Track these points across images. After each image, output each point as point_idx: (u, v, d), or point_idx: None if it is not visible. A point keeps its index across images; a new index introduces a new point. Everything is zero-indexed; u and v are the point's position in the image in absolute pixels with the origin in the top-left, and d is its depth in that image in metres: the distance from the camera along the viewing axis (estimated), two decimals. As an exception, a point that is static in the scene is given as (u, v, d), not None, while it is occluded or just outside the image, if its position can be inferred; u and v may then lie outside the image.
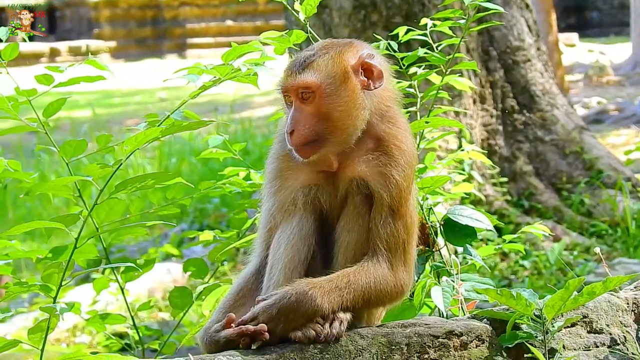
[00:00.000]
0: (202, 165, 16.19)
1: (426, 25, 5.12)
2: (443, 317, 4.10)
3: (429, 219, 4.70)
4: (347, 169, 3.77)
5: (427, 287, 4.36)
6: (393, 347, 3.63)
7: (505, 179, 11.87)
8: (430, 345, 3.67)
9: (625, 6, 35.07)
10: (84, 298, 9.41)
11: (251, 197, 5.56)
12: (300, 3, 4.68)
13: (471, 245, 4.68)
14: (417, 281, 4.43)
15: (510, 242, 5.10)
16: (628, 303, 4.04)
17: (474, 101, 11.78)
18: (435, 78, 5.11)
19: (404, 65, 5.04)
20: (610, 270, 5.33)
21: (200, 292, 5.04)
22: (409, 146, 3.81)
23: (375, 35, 5.41)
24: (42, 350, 4.00)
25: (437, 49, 5.04)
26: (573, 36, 33.49)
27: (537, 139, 12.21)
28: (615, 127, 19.16)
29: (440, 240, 4.67)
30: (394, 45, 4.97)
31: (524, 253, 10.58)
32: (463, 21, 4.99)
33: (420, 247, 4.61)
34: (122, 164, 4.03)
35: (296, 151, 3.72)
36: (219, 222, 13.36)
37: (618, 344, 3.91)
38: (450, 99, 5.36)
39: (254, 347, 3.54)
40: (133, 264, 4.53)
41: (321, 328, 3.54)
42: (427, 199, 4.78)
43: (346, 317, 3.61)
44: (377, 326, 3.75)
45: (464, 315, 4.19)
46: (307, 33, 4.58)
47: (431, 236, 4.67)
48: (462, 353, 3.70)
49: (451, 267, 4.56)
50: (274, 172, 3.88)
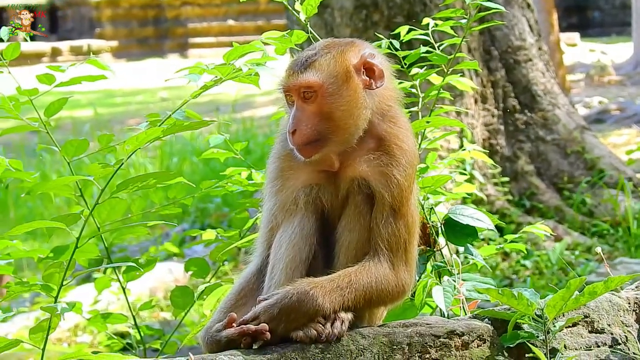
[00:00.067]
0: (204, 164, 16.19)
1: (428, 25, 5.12)
2: (444, 317, 4.10)
3: (430, 219, 4.70)
4: (349, 169, 3.76)
5: (429, 287, 4.36)
6: (394, 347, 3.63)
7: (506, 179, 11.86)
8: (431, 345, 3.67)
9: (626, 6, 35.03)
10: (86, 298, 9.41)
11: (252, 197, 5.56)
12: (300, 3, 4.68)
13: (472, 245, 4.68)
14: (419, 281, 4.43)
15: (511, 242, 5.09)
16: (629, 303, 4.04)
17: (476, 101, 11.78)
18: (436, 78, 5.11)
19: (406, 64, 5.04)
20: (611, 270, 5.31)
21: (201, 292, 5.03)
22: (410, 146, 3.81)
23: (376, 34, 5.41)
24: (44, 349, 4.00)
25: (439, 49, 5.04)
26: (574, 36, 33.47)
27: (539, 139, 12.20)
28: (616, 127, 19.15)
29: (441, 239, 4.67)
30: (396, 44, 4.97)
31: (526, 253, 10.58)
32: (464, 21, 4.99)
33: (421, 247, 4.61)
34: (124, 164, 4.03)
35: (298, 151, 3.72)
36: (221, 222, 13.35)
37: (619, 344, 3.91)
38: (451, 99, 5.35)
39: (256, 347, 3.54)
40: (134, 264, 4.53)
41: (322, 328, 3.54)
42: (429, 199, 4.77)
43: (347, 317, 3.60)
44: (379, 326, 3.75)
45: (466, 315, 4.19)
46: (308, 33, 4.57)
47: (432, 236, 4.67)
48: (464, 353, 3.70)
49: (452, 267, 4.56)
50: (275, 172, 3.88)
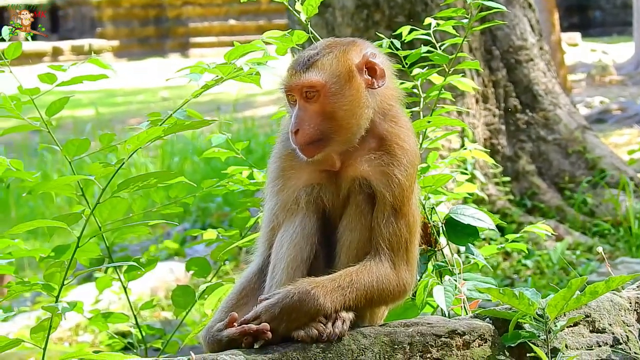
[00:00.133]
0: (205, 164, 16.18)
1: (429, 25, 5.12)
2: (445, 317, 4.10)
3: (432, 218, 4.69)
4: (350, 168, 3.76)
5: (430, 287, 4.36)
6: (396, 347, 3.63)
7: (507, 179, 11.86)
8: (432, 344, 3.67)
9: (628, 6, 35.03)
10: (87, 297, 9.42)
11: (254, 196, 5.56)
12: (301, 3, 4.67)
13: (473, 244, 4.68)
14: (420, 280, 4.43)
15: (512, 242, 5.09)
16: (630, 302, 4.04)
17: (477, 100, 11.78)
18: (437, 78, 5.11)
19: (407, 64, 5.03)
20: (612, 269, 5.31)
21: (202, 291, 5.03)
22: (412, 145, 3.81)
23: (377, 34, 5.41)
24: (45, 349, 4.00)
25: (440, 49, 5.03)
26: (576, 35, 33.47)
27: (540, 139, 12.20)
28: (617, 127, 19.15)
29: (442, 239, 4.67)
30: (397, 44, 4.96)
31: (527, 252, 10.57)
32: (466, 20, 4.99)
33: (422, 247, 4.61)
34: (125, 163, 4.03)
35: (300, 150, 3.72)
36: (222, 221, 13.35)
37: (620, 344, 3.91)
38: (452, 99, 5.35)
39: (257, 346, 3.54)
40: (135, 263, 4.53)
41: (324, 327, 3.54)
42: (430, 199, 4.77)
43: (349, 317, 3.60)
44: (380, 325, 3.75)
45: (467, 314, 4.19)
46: (309, 33, 4.57)
47: (433, 235, 4.67)
48: (465, 352, 3.70)
49: (453, 267, 4.56)
50: (277, 172, 3.88)
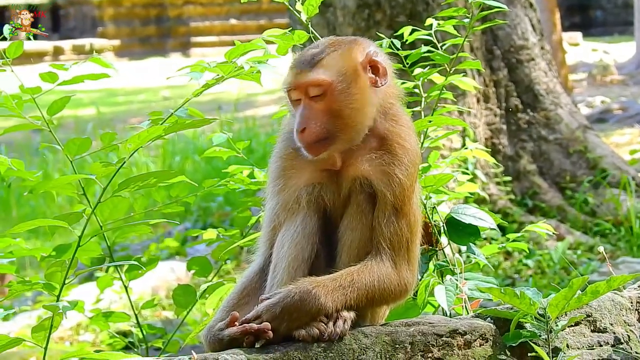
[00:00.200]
0: (206, 163, 16.19)
1: (431, 25, 5.11)
2: (447, 316, 4.10)
3: (433, 218, 4.69)
4: (351, 168, 3.76)
5: (431, 286, 4.35)
6: (397, 346, 3.63)
7: (509, 178, 11.86)
8: (434, 344, 3.67)
9: (629, 5, 35.02)
10: (88, 296, 9.42)
11: (255, 195, 5.56)
12: (302, 3, 4.67)
13: (475, 244, 4.68)
14: (421, 280, 4.43)
15: (513, 241, 5.09)
16: (632, 302, 4.03)
17: (478, 100, 11.77)
18: (438, 77, 5.10)
19: (408, 64, 5.03)
20: (613, 269, 5.32)
21: (204, 291, 5.03)
22: (413, 144, 3.80)
23: (378, 34, 5.41)
24: (46, 348, 4.00)
25: (441, 48, 5.03)
26: (577, 35, 33.45)
27: (541, 138, 12.20)
28: (619, 126, 19.16)
29: (443, 239, 4.67)
30: (397, 43, 4.96)
31: (528, 252, 10.57)
32: (467, 20, 4.99)
33: (423, 246, 4.61)
34: (126, 162, 4.03)
35: (306, 149, 3.71)
36: (223, 221, 13.36)
37: (622, 343, 3.90)
38: (454, 99, 5.34)
39: (258, 346, 3.53)
40: (137, 262, 4.53)
41: (325, 327, 3.53)
42: (431, 198, 4.77)
43: (350, 316, 3.60)
44: (381, 325, 3.75)
45: (468, 314, 4.18)
46: (310, 33, 4.56)
47: (435, 235, 4.67)
48: (466, 352, 3.70)
49: (455, 266, 4.56)
50: (278, 171, 3.87)
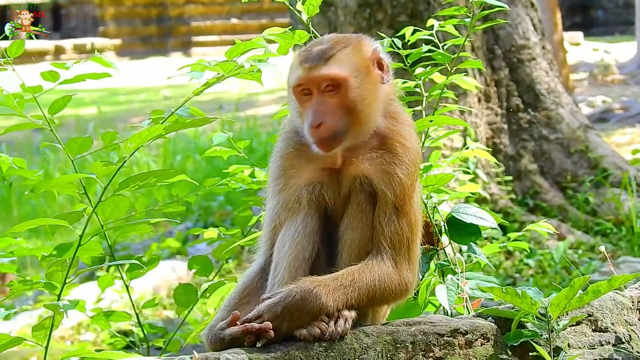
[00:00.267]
0: (207, 163, 16.19)
1: (432, 25, 5.11)
2: (448, 316, 4.10)
3: (434, 217, 4.69)
4: (351, 167, 3.75)
5: (432, 286, 4.35)
6: (398, 345, 3.63)
7: (510, 178, 11.86)
8: (435, 343, 3.67)
9: (630, 5, 35.01)
10: (89, 296, 9.43)
11: (256, 195, 5.55)
12: (302, 3, 4.66)
13: (476, 243, 4.67)
14: (422, 279, 4.42)
15: (514, 241, 5.09)
16: (633, 302, 4.03)
17: (479, 100, 11.77)
18: (439, 77, 5.10)
19: (409, 63, 5.03)
20: (615, 268, 5.32)
21: (205, 290, 5.03)
22: (413, 143, 3.80)
23: (379, 33, 5.40)
24: (47, 347, 4.00)
25: (443, 48, 5.03)
26: (578, 35, 33.43)
27: (542, 138, 12.20)
28: (620, 126, 19.16)
29: (444, 238, 4.67)
30: (398, 42, 4.96)
31: (529, 251, 10.57)
32: (468, 19, 4.99)
33: (425, 246, 4.61)
34: (126, 162, 4.03)
35: (318, 144, 3.68)
36: (224, 220, 13.36)
37: (623, 343, 3.90)
38: (455, 98, 5.34)
39: (259, 345, 3.53)
40: (138, 262, 4.52)
41: (326, 326, 3.53)
42: (432, 198, 4.77)
43: (351, 315, 3.60)
44: (382, 324, 3.75)
45: (469, 313, 4.18)
46: (310, 32, 4.55)
47: (436, 234, 4.67)
48: (467, 351, 3.70)
49: (456, 266, 4.55)
50: (278, 171, 3.86)
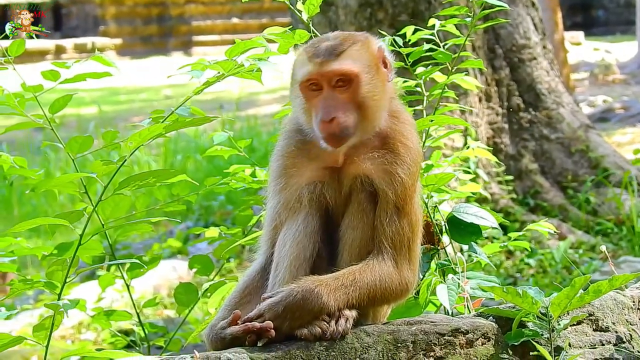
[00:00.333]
0: (208, 162, 16.19)
1: (433, 25, 5.11)
2: (449, 315, 4.09)
3: (434, 217, 4.69)
4: (352, 166, 3.75)
5: (433, 285, 4.35)
6: (399, 345, 3.63)
7: (510, 177, 11.86)
8: (436, 342, 3.67)
9: (631, 5, 34.99)
10: (90, 295, 9.43)
11: (257, 194, 5.55)
12: (303, 2, 4.66)
13: (476, 243, 4.67)
14: (423, 279, 4.42)
15: (515, 240, 5.09)
16: (634, 301, 4.03)
17: (480, 99, 11.77)
18: (440, 76, 5.10)
19: (409, 62, 5.03)
20: (615, 268, 5.32)
21: (205, 290, 5.03)
22: (415, 143, 3.80)
23: (380, 32, 5.40)
24: (47, 347, 4.00)
25: (444, 48, 5.03)
26: (579, 34, 33.41)
27: (543, 137, 12.20)
28: (621, 126, 19.16)
29: (445, 238, 4.66)
30: (399, 41, 4.96)
31: (529, 250, 10.57)
32: (469, 19, 4.99)
33: (425, 245, 4.61)
34: (127, 161, 4.03)
35: (327, 139, 3.67)
36: (225, 220, 13.35)
37: (624, 342, 3.90)
38: (456, 97, 5.35)
39: (260, 345, 3.53)
40: (138, 261, 4.53)
41: (327, 325, 3.53)
42: (432, 197, 4.76)
43: (352, 315, 3.60)
44: (383, 324, 3.75)
45: (470, 313, 4.18)
46: (311, 32, 4.55)
47: (436, 234, 4.67)
48: (468, 351, 3.70)
49: (456, 265, 4.55)
50: (279, 170, 3.86)
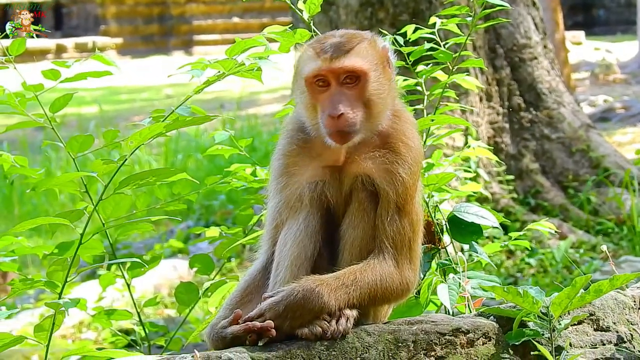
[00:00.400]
0: (208, 161, 16.19)
1: (434, 23, 5.11)
2: (449, 315, 4.09)
3: (435, 217, 4.69)
4: (353, 165, 3.75)
5: (434, 285, 4.35)
6: (400, 344, 3.63)
7: (511, 177, 11.86)
8: (436, 342, 3.67)
9: (632, 4, 34.99)
10: (90, 294, 9.42)
11: (257, 193, 5.55)
12: (304, 2, 4.66)
13: (477, 242, 4.67)
14: (424, 279, 4.42)
15: (516, 240, 5.08)
16: (635, 301, 4.03)
17: (481, 99, 11.77)
18: (441, 75, 5.10)
19: (410, 61, 5.03)
20: (616, 268, 5.32)
21: (206, 289, 5.03)
22: (416, 143, 3.80)
23: (381, 30, 5.40)
24: (48, 346, 4.00)
25: (444, 47, 5.03)
26: (580, 34, 33.40)
27: (544, 137, 12.19)
28: (621, 125, 19.16)
29: (446, 237, 4.66)
30: (400, 40, 4.96)
31: (530, 250, 10.56)
32: (469, 18, 4.99)
33: (426, 245, 4.60)
34: (127, 160, 4.03)
35: (334, 135, 3.66)
36: (225, 219, 13.35)
37: (625, 342, 3.90)
38: (456, 97, 5.35)
39: (261, 344, 3.53)
40: (139, 260, 4.52)
41: (328, 325, 3.53)
42: (433, 197, 4.76)
43: (352, 314, 3.60)
44: (384, 323, 3.75)
45: (471, 312, 4.18)
46: (312, 31, 4.55)
47: (437, 234, 4.67)
48: (469, 350, 3.69)
49: (457, 265, 4.55)
50: (280, 169, 3.86)
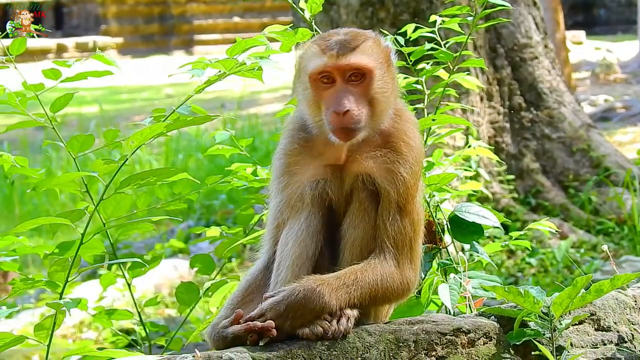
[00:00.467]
0: (209, 161, 16.19)
1: (434, 22, 5.11)
2: (450, 315, 4.09)
3: (436, 216, 4.68)
4: (354, 164, 3.75)
5: (434, 285, 4.35)
6: (400, 344, 3.63)
7: (512, 177, 11.86)
8: (437, 342, 3.66)
9: (632, 4, 35.00)
10: (91, 294, 9.42)
11: (258, 193, 5.55)
12: (305, 1, 4.66)
13: (478, 242, 4.67)
14: (424, 278, 4.42)
15: (517, 239, 5.08)
16: (636, 301, 4.03)
17: (481, 98, 11.77)
18: (444, 74, 5.10)
19: (411, 61, 5.03)
20: (617, 268, 5.30)
21: (207, 289, 5.03)
22: (417, 142, 3.80)
23: (382, 30, 5.40)
24: (49, 346, 4.00)
25: (445, 46, 5.03)
26: (580, 34, 33.41)
27: (544, 137, 12.20)
28: (622, 125, 19.16)
29: (447, 237, 4.66)
30: (401, 40, 4.96)
31: (531, 249, 10.56)
32: (470, 18, 4.99)
33: (427, 245, 4.60)
34: (128, 160, 4.03)
35: (338, 132, 3.66)
36: (226, 219, 13.34)
37: (626, 342, 3.90)
38: (457, 96, 5.36)
39: (262, 344, 3.53)
40: (140, 260, 4.52)
41: (329, 325, 3.53)
42: (434, 196, 4.76)
43: (353, 314, 3.60)
44: (385, 323, 3.75)
45: (472, 312, 4.18)
46: (313, 31, 4.55)
47: (438, 233, 4.66)
48: (470, 350, 3.69)
49: (458, 265, 4.55)
50: (282, 168, 3.86)
